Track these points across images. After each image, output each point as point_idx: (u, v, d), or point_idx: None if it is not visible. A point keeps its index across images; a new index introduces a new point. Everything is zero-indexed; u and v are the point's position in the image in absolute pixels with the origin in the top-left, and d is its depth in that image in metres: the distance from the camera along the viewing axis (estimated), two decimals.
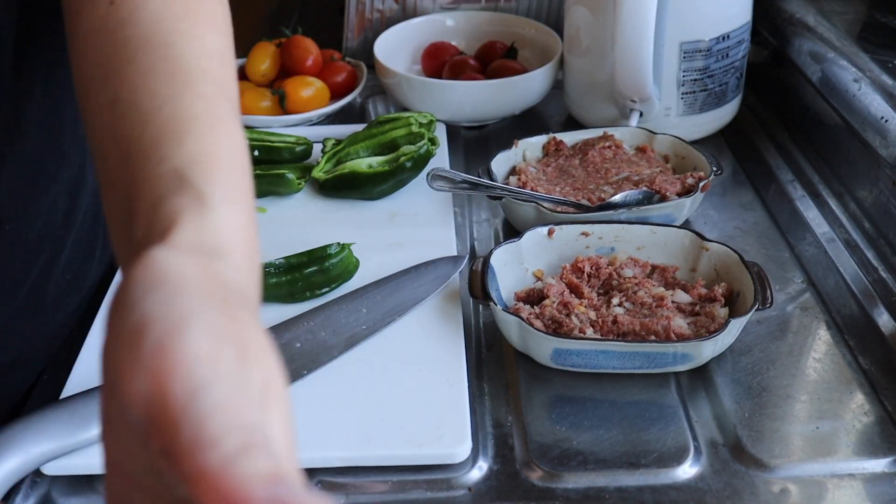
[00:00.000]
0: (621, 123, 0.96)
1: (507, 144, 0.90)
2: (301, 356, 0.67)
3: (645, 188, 0.83)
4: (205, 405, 0.28)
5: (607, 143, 0.90)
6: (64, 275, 0.72)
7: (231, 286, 0.35)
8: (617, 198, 0.82)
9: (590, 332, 0.67)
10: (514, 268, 0.74)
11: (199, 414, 0.28)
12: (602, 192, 0.84)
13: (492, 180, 0.84)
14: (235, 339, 0.31)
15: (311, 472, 0.60)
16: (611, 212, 0.80)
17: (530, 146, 0.92)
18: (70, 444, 0.59)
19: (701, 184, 0.82)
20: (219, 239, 0.37)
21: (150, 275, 0.32)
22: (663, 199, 0.82)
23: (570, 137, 0.92)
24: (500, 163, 0.88)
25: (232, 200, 0.40)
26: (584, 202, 0.83)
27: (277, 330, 0.69)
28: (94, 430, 0.59)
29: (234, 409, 0.28)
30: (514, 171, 0.89)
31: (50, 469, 0.59)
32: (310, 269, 0.74)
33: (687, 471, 0.60)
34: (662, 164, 0.89)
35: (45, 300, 0.71)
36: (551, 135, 0.92)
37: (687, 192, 0.83)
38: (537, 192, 0.83)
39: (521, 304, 0.70)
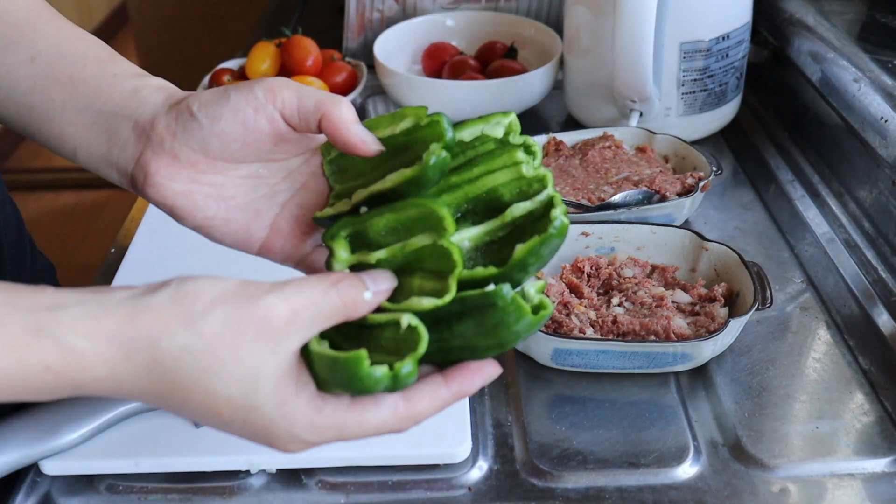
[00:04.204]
0: (621, 123, 0.96)
1: None
2: None
3: (645, 188, 0.83)
4: None
5: (607, 143, 0.90)
6: None
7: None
8: (617, 198, 0.82)
9: (590, 332, 0.67)
10: None
11: None
12: (602, 192, 0.84)
13: None
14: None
15: (311, 472, 0.60)
16: (611, 212, 0.80)
17: None
18: (69, 441, 0.59)
19: (701, 184, 0.82)
20: None
21: None
22: (663, 199, 0.82)
23: (570, 137, 0.92)
24: None
25: None
26: (584, 202, 0.83)
27: None
28: (93, 426, 0.60)
29: None
30: None
31: (50, 469, 0.59)
32: None
33: (687, 471, 0.60)
34: (662, 164, 0.89)
35: None
36: (551, 135, 0.92)
37: (687, 192, 0.83)
38: None
39: None
